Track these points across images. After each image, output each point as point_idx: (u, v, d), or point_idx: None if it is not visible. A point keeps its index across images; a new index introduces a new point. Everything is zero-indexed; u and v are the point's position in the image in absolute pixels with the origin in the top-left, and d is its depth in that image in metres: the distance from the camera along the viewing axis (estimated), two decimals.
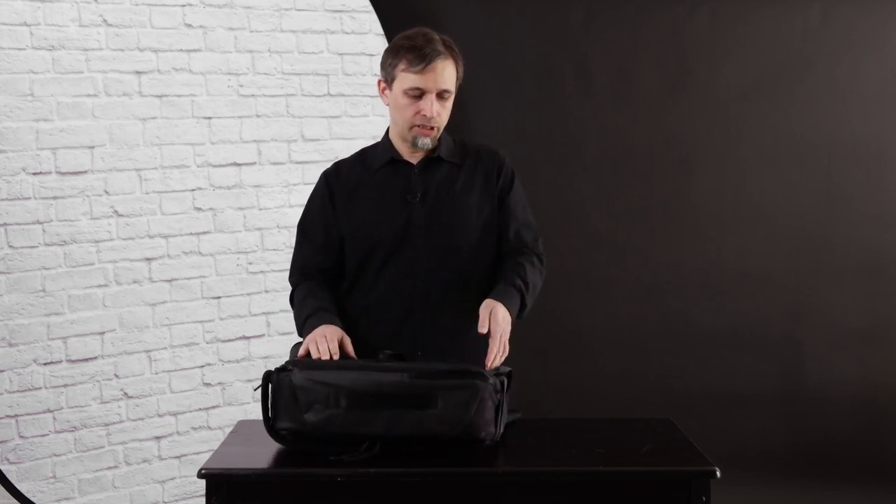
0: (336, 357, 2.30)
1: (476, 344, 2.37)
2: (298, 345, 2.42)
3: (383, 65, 2.54)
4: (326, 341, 2.33)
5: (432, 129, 2.51)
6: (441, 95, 2.49)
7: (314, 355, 2.31)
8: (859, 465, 4.46)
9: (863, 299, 4.63)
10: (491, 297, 2.43)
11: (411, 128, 2.52)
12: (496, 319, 2.36)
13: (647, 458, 2.22)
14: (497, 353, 2.33)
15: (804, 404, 4.61)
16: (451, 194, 2.57)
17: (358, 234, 2.58)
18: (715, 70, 4.60)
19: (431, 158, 2.59)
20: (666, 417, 2.52)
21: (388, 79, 2.53)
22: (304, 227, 2.67)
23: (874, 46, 4.58)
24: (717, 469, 2.13)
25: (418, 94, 2.48)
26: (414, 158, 2.59)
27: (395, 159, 2.60)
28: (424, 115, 2.48)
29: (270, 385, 2.22)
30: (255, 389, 2.26)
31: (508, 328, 2.38)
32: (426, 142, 2.53)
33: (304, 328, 2.46)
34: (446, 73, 2.48)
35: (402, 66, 2.47)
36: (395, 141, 2.60)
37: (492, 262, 2.61)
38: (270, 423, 2.22)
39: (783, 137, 4.60)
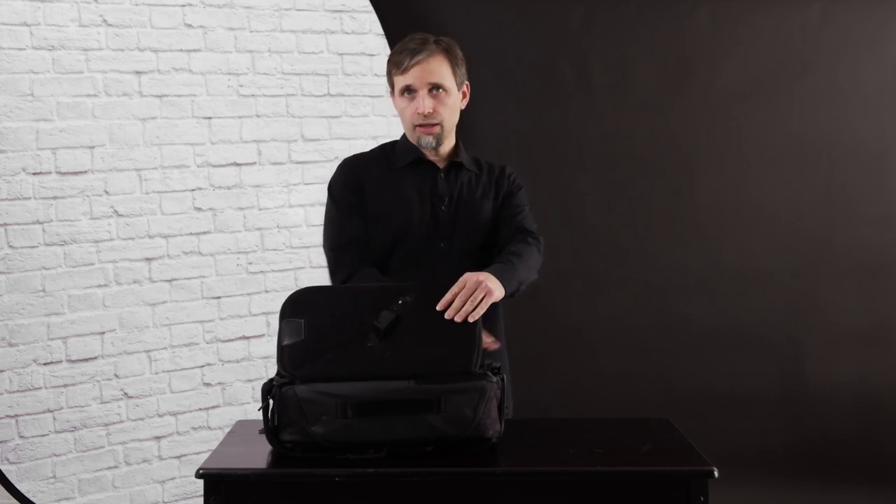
0: None
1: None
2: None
3: (386, 75, 2.59)
4: None
5: (433, 126, 2.52)
6: (434, 91, 2.50)
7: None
8: (859, 465, 4.46)
9: (863, 300, 4.63)
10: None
11: (414, 129, 2.54)
12: (461, 279, 2.27)
13: (646, 458, 2.22)
14: (454, 304, 2.21)
15: (804, 404, 4.61)
16: (472, 200, 2.62)
17: (380, 230, 2.59)
18: (715, 70, 4.60)
19: (455, 163, 2.62)
20: (665, 417, 2.52)
21: (391, 87, 2.58)
22: (339, 206, 2.59)
23: (874, 46, 4.58)
24: (715, 469, 2.12)
25: (411, 93, 2.51)
26: (438, 161, 2.62)
27: (420, 159, 2.61)
28: (419, 113, 2.49)
29: (272, 398, 2.20)
30: (258, 410, 2.22)
31: (476, 287, 2.25)
32: (429, 140, 2.54)
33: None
34: (434, 68, 2.49)
35: (393, 70, 2.54)
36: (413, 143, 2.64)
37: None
38: (274, 435, 2.21)
39: (783, 138, 4.60)
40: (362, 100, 4.18)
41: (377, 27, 4.19)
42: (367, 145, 4.03)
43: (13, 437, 3.52)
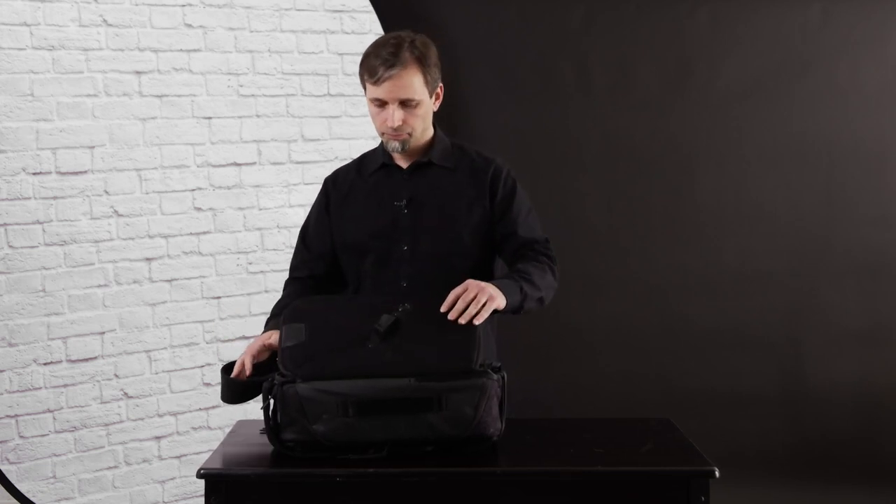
0: (247, 373, 2.38)
1: None
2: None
3: (359, 76, 2.55)
4: (243, 360, 2.40)
5: (403, 135, 2.50)
6: (405, 104, 2.47)
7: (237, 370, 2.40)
8: (859, 465, 4.45)
9: (863, 300, 4.62)
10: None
11: (382, 134, 2.53)
12: (464, 283, 2.27)
13: (647, 458, 2.22)
14: (457, 307, 2.21)
15: (804, 404, 4.60)
16: (438, 200, 2.56)
17: (347, 240, 2.60)
18: (715, 70, 4.60)
19: (422, 163, 2.58)
20: (665, 417, 2.52)
21: (363, 88, 2.55)
22: (303, 233, 2.71)
23: (874, 46, 4.57)
24: (716, 469, 2.13)
25: (380, 104, 2.48)
26: (404, 162, 2.59)
27: (386, 164, 2.60)
28: (388, 125, 2.48)
29: (273, 397, 2.20)
30: (261, 409, 2.23)
31: (478, 292, 2.25)
32: (396, 145, 2.52)
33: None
34: (406, 82, 2.45)
35: (365, 76, 2.50)
36: None
37: (485, 271, 2.57)
38: (276, 434, 2.21)
39: (783, 138, 4.60)
40: (362, 100, 4.12)
41: (377, 27, 4.19)
42: (366, 145, 4.03)
43: (13, 437, 3.52)
